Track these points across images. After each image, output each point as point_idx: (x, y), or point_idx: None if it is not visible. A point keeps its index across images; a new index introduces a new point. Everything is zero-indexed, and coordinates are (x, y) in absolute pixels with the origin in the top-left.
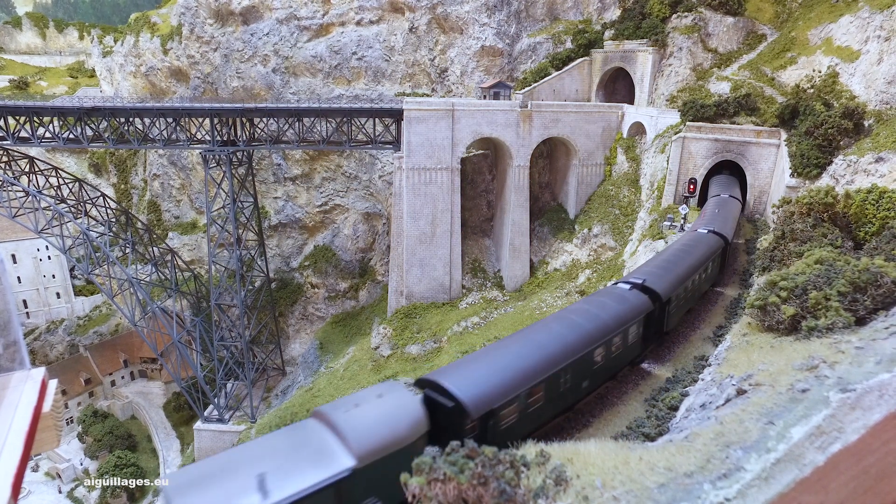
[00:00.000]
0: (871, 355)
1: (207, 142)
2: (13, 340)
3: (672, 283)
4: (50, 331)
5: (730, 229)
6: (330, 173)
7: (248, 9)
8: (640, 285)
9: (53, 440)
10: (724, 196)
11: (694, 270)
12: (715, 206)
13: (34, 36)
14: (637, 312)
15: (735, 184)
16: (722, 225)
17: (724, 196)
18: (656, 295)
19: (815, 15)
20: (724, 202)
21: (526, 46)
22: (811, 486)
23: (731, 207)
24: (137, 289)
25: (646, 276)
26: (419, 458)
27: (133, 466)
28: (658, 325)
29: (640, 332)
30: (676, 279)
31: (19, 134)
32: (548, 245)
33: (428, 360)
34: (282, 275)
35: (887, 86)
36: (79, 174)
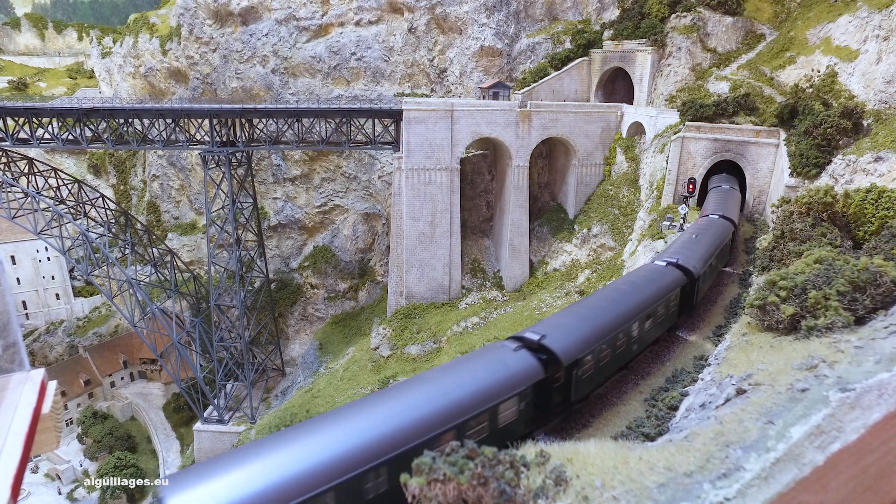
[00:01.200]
0: (870, 355)
1: (206, 142)
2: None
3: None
4: (49, 332)
5: (736, 214)
6: (329, 174)
7: (246, 9)
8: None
9: (53, 441)
10: (725, 187)
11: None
12: (718, 195)
13: (33, 37)
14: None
15: (733, 192)
16: (689, 255)
17: (725, 187)
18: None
19: (813, 14)
20: (725, 192)
21: (525, 46)
22: (811, 486)
23: (734, 196)
24: (137, 290)
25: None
26: (419, 458)
27: (133, 467)
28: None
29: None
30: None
31: (18, 135)
32: (547, 245)
33: (428, 360)
34: (281, 275)
35: (886, 85)
36: (78, 175)
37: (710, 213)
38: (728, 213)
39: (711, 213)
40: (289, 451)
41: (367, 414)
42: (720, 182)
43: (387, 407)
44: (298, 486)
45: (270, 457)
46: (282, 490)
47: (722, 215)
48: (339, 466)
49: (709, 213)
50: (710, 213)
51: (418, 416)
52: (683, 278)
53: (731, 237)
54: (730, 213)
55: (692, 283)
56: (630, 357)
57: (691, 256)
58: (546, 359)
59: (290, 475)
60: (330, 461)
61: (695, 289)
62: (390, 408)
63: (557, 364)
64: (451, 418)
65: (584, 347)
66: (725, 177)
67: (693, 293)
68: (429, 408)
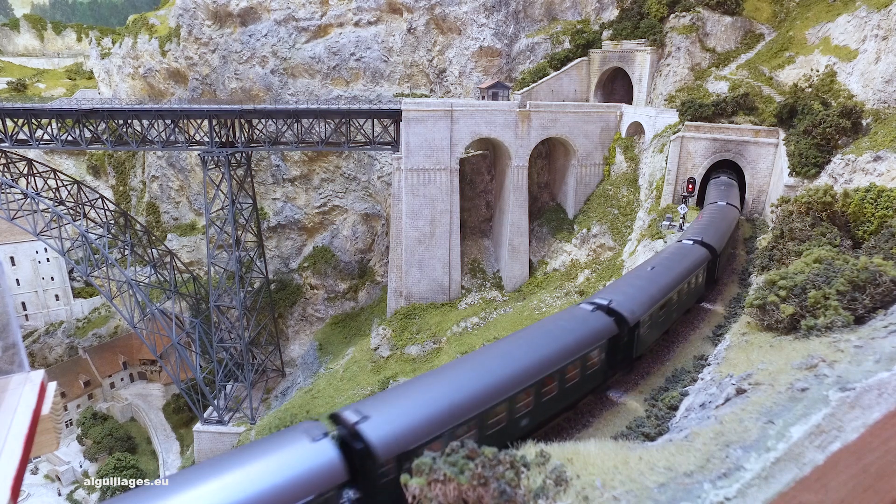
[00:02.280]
0: (870, 354)
1: (206, 143)
2: (12, 343)
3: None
4: (49, 333)
5: (719, 239)
6: (329, 174)
7: (246, 10)
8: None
9: (52, 443)
10: (721, 203)
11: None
12: (708, 214)
13: (32, 38)
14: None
15: (733, 186)
16: (712, 235)
17: (721, 203)
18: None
19: (812, 14)
20: (719, 210)
21: (524, 47)
22: (811, 485)
23: (725, 214)
24: (136, 291)
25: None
26: (419, 459)
27: (133, 468)
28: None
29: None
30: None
31: (17, 136)
32: (547, 245)
33: (427, 360)
34: (281, 276)
35: (885, 85)
36: (77, 176)
37: (687, 237)
38: (708, 238)
39: (686, 238)
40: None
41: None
42: (718, 190)
43: (507, 355)
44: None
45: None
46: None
47: (699, 241)
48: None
49: (685, 237)
50: (685, 238)
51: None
52: (613, 327)
53: (706, 267)
54: (711, 238)
55: (630, 331)
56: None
57: (632, 297)
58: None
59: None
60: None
61: (633, 338)
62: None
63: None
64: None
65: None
66: (724, 180)
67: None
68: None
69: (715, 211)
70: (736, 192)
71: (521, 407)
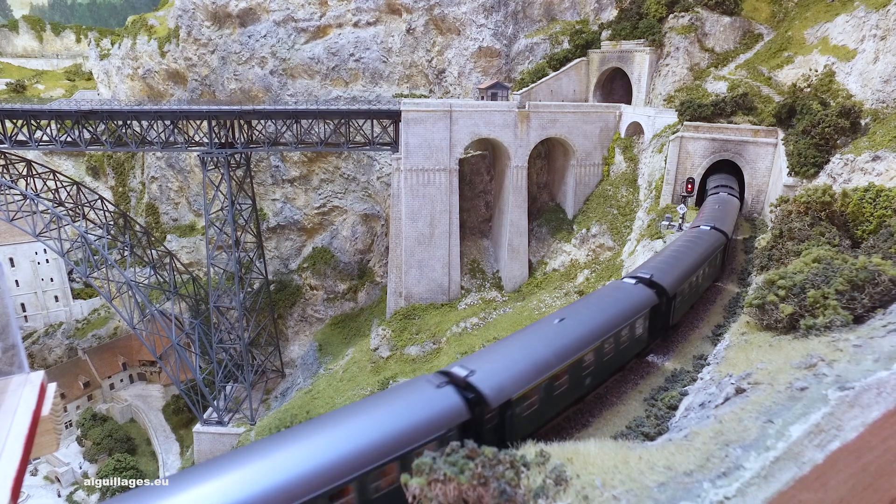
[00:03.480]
0: (869, 353)
1: (205, 144)
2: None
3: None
4: (48, 334)
5: (730, 226)
6: (328, 175)
7: (245, 11)
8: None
9: (52, 444)
10: (723, 194)
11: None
12: (714, 203)
13: (31, 39)
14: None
15: (733, 183)
16: (722, 221)
17: (723, 194)
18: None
19: (811, 14)
20: (722, 200)
21: (523, 47)
22: (810, 484)
23: (731, 204)
24: (136, 292)
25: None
26: (419, 459)
27: (132, 469)
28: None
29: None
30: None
31: (17, 137)
32: (546, 245)
33: (427, 360)
34: (280, 277)
35: (883, 84)
36: (76, 177)
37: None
38: (720, 225)
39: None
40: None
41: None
42: (719, 186)
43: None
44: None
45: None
46: None
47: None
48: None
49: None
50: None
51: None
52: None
53: (722, 250)
54: (722, 225)
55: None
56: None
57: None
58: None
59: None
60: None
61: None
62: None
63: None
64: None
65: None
66: (724, 178)
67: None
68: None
69: (719, 200)
70: (735, 186)
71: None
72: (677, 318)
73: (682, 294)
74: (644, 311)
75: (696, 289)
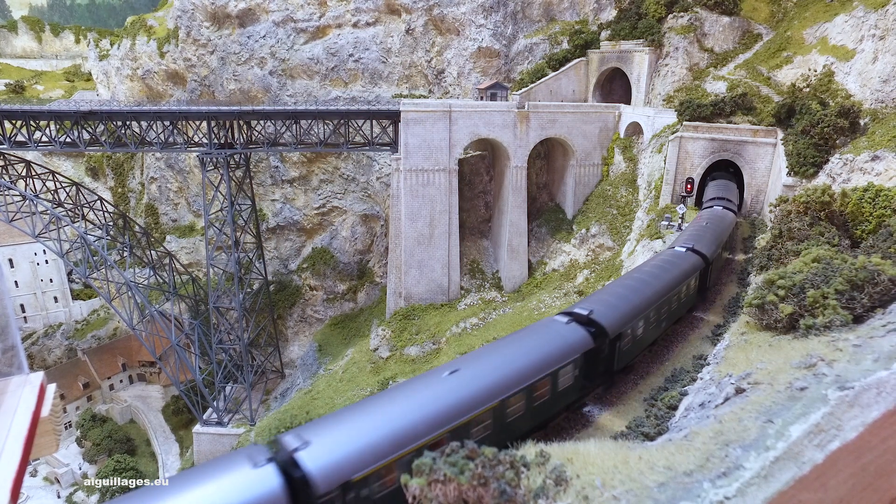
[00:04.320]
0: (868, 353)
1: (204, 145)
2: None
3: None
4: (48, 335)
5: (712, 246)
6: (327, 175)
7: (244, 11)
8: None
9: (52, 445)
10: (717, 208)
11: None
12: (702, 220)
13: (30, 40)
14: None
15: (731, 187)
16: (704, 242)
17: (717, 208)
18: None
19: (810, 14)
20: (714, 215)
21: (522, 47)
22: (810, 484)
23: (722, 221)
24: (135, 292)
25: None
26: (419, 459)
27: (132, 470)
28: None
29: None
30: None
31: (16, 138)
32: (546, 245)
33: (427, 361)
34: (280, 277)
35: (882, 84)
36: (76, 178)
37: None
38: (700, 246)
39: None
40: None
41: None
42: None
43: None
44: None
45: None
46: None
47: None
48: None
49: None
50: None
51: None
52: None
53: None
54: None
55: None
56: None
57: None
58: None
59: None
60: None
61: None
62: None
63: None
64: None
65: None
66: (723, 182)
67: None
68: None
69: (710, 216)
70: (733, 191)
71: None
72: (624, 363)
73: (633, 333)
74: (574, 358)
75: (656, 324)
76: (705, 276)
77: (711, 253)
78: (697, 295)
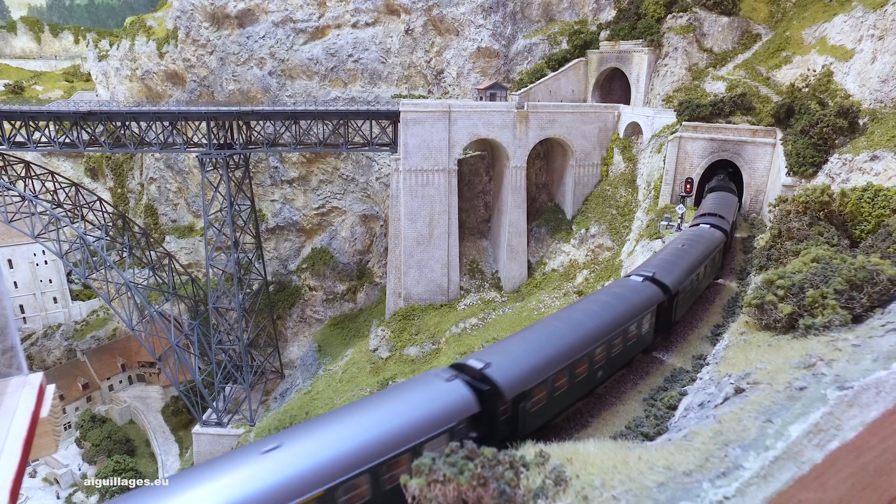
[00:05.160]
0: (868, 353)
1: (204, 145)
2: (10, 346)
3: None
4: (47, 336)
5: (680, 275)
6: (327, 176)
7: (243, 12)
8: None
9: (51, 445)
10: (703, 227)
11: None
12: (713, 200)
13: (29, 40)
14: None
15: (730, 201)
16: (670, 269)
17: (703, 227)
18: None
19: (809, 14)
20: (721, 197)
21: (522, 48)
22: (810, 484)
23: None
24: (135, 293)
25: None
26: (418, 459)
27: (131, 471)
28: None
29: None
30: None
31: (15, 139)
32: (545, 246)
33: (427, 361)
34: (279, 278)
35: (881, 84)
36: (75, 178)
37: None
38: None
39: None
40: None
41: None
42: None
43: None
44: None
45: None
46: None
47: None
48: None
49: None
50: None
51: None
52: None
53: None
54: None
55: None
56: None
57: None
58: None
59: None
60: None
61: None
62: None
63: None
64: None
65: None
66: (723, 180)
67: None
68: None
69: (718, 198)
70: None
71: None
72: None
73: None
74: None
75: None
76: (669, 311)
77: (676, 283)
78: (656, 334)
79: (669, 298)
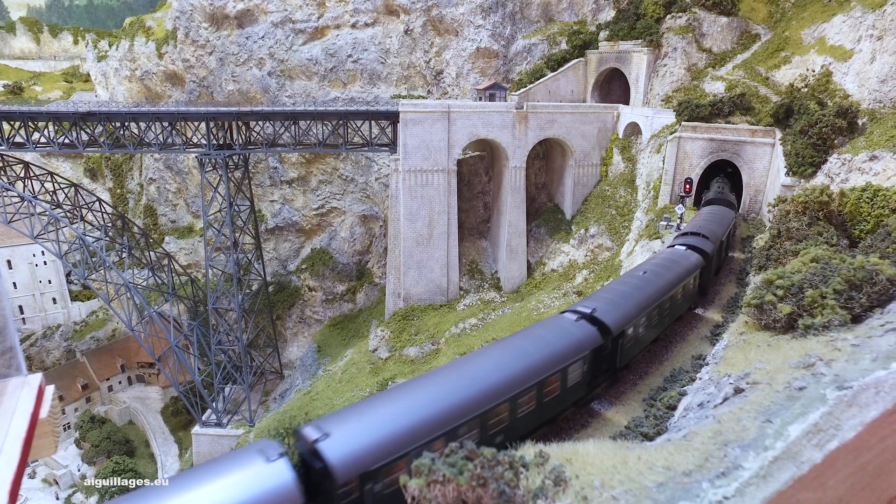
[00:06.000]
0: (867, 352)
1: (203, 145)
2: (9, 346)
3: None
4: (46, 336)
5: (627, 312)
6: (326, 176)
7: (242, 12)
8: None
9: (50, 446)
10: (716, 207)
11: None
12: (703, 217)
13: (28, 41)
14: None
15: (724, 216)
16: (615, 305)
17: (716, 207)
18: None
19: (808, 14)
20: (713, 213)
21: (521, 48)
22: (809, 484)
23: (721, 218)
24: (134, 293)
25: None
26: (418, 459)
27: (131, 471)
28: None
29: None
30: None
31: (14, 139)
32: (545, 246)
33: (426, 361)
34: (279, 278)
35: (880, 84)
36: (74, 179)
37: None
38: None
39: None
40: None
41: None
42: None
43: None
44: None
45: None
46: None
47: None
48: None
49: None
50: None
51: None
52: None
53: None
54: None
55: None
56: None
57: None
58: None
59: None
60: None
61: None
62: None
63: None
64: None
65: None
66: (720, 182)
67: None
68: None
69: (708, 214)
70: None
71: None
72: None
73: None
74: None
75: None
76: (613, 357)
77: (622, 321)
78: (593, 384)
79: (614, 340)
